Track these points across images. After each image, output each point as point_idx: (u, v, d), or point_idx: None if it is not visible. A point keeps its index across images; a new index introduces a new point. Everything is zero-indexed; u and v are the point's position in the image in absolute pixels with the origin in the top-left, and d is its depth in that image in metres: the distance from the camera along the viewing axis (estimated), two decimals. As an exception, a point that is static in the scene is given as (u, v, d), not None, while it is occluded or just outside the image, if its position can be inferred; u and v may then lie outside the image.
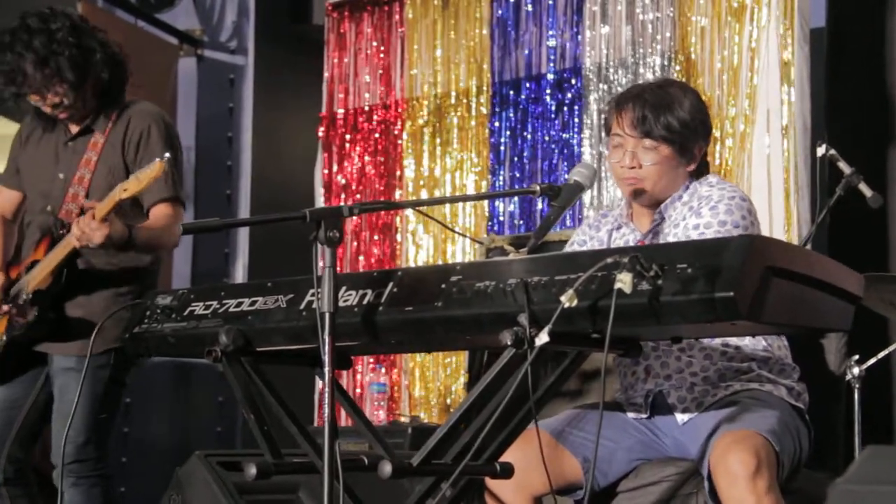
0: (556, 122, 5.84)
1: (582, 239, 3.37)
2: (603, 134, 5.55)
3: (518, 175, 5.92)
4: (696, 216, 3.08)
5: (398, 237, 6.21)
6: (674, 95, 3.15)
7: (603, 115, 3.31)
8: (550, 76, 5.86)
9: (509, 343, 2.38)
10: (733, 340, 3.10)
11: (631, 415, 3.18)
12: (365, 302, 2.61)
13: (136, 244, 3.87)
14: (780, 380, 3.11)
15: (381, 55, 6.34)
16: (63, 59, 3.87)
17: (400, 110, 6.27)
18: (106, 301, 3.95)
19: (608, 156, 3.24)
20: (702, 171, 3.22)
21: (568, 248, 3.40)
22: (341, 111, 6.41)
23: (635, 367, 3.18)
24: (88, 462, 3.91)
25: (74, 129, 4.05)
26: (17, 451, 4.03)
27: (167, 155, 3.75)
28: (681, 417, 3.09)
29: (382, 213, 6.22)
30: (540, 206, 5.82)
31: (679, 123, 3.10)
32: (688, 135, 3.13)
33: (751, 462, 2.74)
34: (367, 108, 6.36)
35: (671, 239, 3.10)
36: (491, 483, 3.05)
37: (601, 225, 3.35)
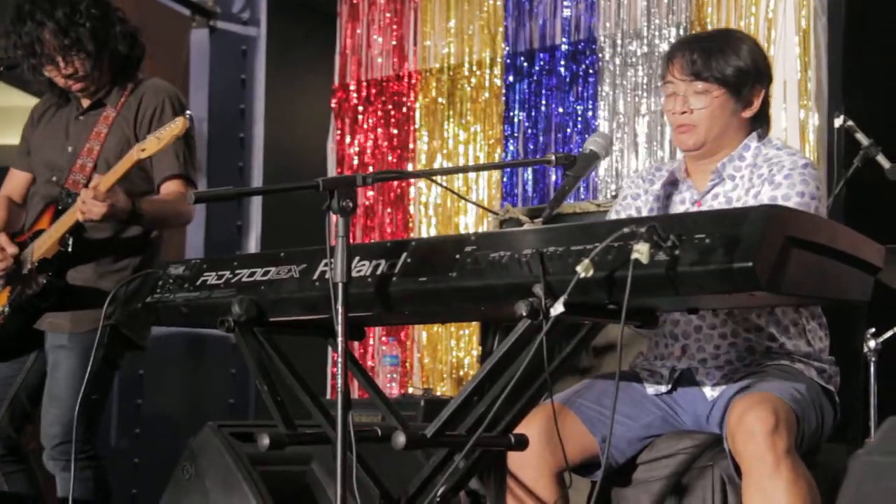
0: (571, 93, 5.80)
1: (636, 192, 3.25)
2: (624, 103, 5.55)
3: (532, 147, 5.88)
4: (772, 186, 2.96)
5: (411, 209, 6.18)
6: (728, 40, 3.10)
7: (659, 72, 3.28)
8: (565, 47, 5.82)
9: (524, 314, 2.37)
10: (777, 331, 3.01)
11: (650, 389, 3.11)
12: (378, 272, 2.60)
13: (142, 217, 3.83)
14: (812, 362, 3.03)
15: (395, 26, 6.30)
16: (84, 29, 3.87)
17: (413, 82, 6.23)
18: (107, 272, 3.92)
19: (663, 106, 3.16)
20: (763, 120, 3.13)
21: (620, 202, 3.27)
22: (354, 83, 6.38)
23: (673, 344, 3.08)
24: (76, 443, 3.84)
25: (86, 102, 4.03)
26: (8, 429, 3.99)
27: (189, 112, 3.74)
28: (710, 394, 3.02)
29: (395, 185, 6.19)
30: (553, 177, 5.78)
31: (730, 66, 3.04)
32: (741, 77, 3.05)
33: (769, 419, 2.68)
34: (379, 80, 6.33)
35: (738, 205, 3.00)
36: (513, 465, 3.00)
37: (654, 178, 3.24)
